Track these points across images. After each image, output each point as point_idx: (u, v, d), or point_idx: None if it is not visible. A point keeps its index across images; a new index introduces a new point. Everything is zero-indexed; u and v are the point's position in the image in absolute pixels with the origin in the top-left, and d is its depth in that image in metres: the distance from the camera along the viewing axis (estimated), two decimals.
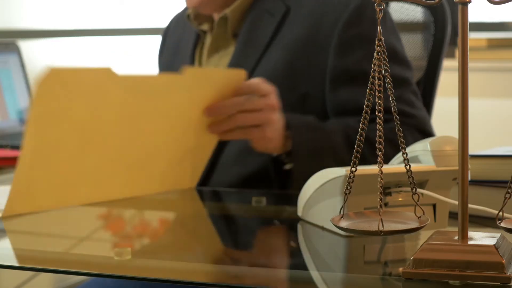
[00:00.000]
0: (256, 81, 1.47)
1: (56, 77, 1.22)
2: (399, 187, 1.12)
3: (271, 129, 1.47)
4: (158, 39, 1.96)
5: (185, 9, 1.79)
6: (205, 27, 1.76)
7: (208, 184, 1.61)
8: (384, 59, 0.93)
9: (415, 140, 1.24)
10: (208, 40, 1.76)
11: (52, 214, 1.30)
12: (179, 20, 1.90)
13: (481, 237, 0.92)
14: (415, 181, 0.94)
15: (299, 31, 1.64)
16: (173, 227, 1.23)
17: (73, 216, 1.34)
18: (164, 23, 1.93)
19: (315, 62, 1.62)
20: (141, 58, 3.73)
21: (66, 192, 1.33)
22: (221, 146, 1.58)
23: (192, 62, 1.77)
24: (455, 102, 0.92)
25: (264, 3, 1.69)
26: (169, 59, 1.86)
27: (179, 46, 1.83)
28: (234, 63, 1.68)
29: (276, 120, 1.47)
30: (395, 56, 1.63)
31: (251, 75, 1.63)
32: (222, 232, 1.31)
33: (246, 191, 1.56)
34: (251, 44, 1.67)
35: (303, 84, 1.63)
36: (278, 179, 1.56)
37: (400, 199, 1.13)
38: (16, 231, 1.28)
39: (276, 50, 1.65)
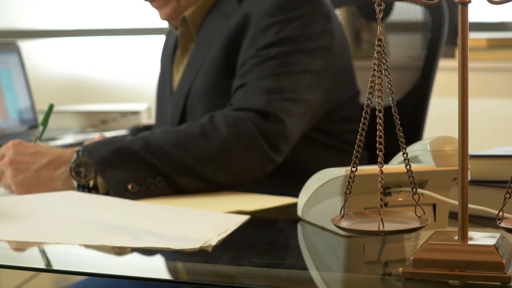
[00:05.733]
0: None
1: None
2: (399, 187, 1.12)
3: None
4: (158, 39, 1.98)
5: None
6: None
7: None
8: (384, 59, 0.93)
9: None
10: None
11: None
12: None
13: (481, 237, 0.92)
14: (415, 181, 0.94)
15: (237, 25, 1.71)
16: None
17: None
18: (163, 24, 1.95)
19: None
20: (141, 58, 3.73)
21: None
22: None
23: (172, 63, 1.87)
24: (455, 102, 0.92)
25: (221, 5, 1.77)
26: (164, 60, 1.95)
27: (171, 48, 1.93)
28: (190, 61, 1.78)
29: (12, 171, 1.50)
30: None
31: (199, 71, 1.74)
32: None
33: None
34: (205, 43, 1.76)
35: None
36: None
37: (400, 199, 1.13)
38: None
39: (219, 44, 1.73)
